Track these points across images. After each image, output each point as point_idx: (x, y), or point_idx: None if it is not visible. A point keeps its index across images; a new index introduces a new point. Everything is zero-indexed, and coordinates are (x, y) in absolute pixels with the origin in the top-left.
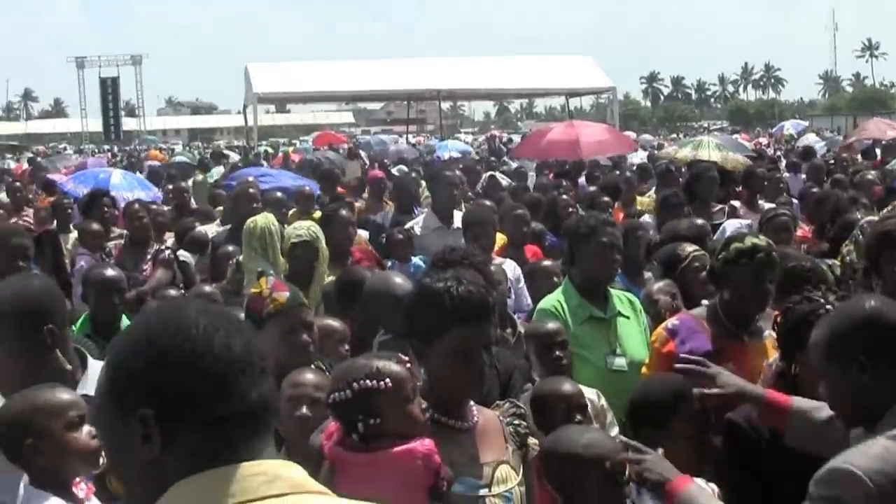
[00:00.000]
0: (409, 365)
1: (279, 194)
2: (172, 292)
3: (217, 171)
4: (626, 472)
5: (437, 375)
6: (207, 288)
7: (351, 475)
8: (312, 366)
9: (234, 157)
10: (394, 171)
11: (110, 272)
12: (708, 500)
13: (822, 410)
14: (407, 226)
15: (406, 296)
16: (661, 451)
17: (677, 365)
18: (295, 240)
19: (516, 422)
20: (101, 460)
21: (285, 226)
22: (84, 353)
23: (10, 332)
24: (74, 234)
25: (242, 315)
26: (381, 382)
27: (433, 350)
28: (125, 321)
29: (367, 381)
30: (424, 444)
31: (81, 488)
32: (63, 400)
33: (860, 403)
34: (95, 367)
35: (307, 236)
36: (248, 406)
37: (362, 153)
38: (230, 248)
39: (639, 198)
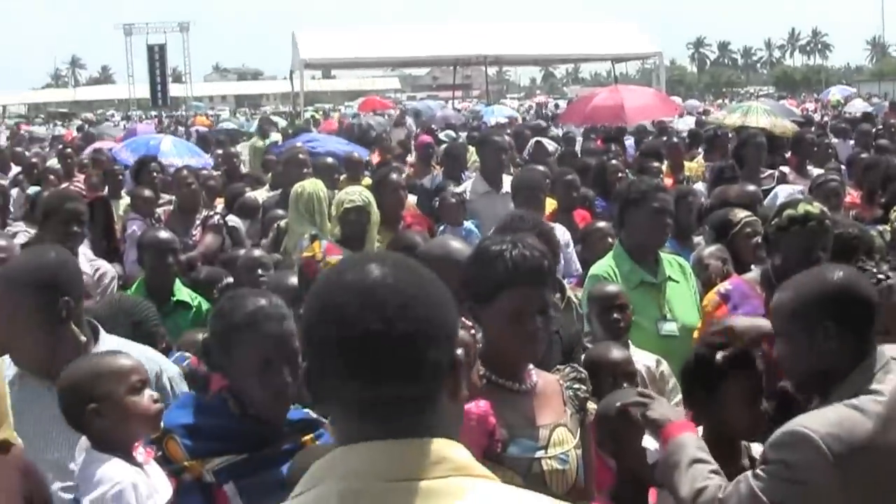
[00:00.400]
0: (472, 331)
1: (329, 160)
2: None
3: (277, 138)
4: None
5: (492, 338)
6: (257, 252)
7: None
8: None
9: (282, 122)
10: (441, 136)
11: (163, 234)
12: (697, 452)
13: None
14: (457, 190)
15: (464, 259)
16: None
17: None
18: (348, 205)
19: (576, 386)
20: (160, 424)
21: (335, 192)
22: (96, 325)
23: (27, 304)
24: (125, 201)
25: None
26: None
27: (488, 312)
28: (178, 284)
29: None
30: (479, 406)
31: (140, 452)
32: (125, 365)
33: (818, 369)
34: (107, 340)
35: (360, 201)
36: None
37: (409, 119)
38: (279, 212)
39: (687, 164)
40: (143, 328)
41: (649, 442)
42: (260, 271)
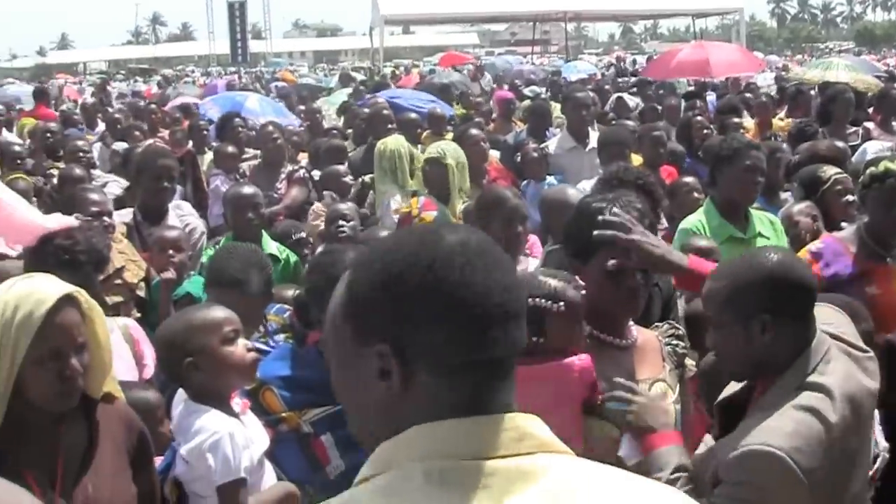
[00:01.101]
0: (584, 292)
1: (412, 115)
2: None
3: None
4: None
5: (593, 294)
6: (343, 206)
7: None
8: None
9: (361, 78)
10: (526, 91)
11: (246, 189)
12: (679, 471)
13: None
14: (542, 145)
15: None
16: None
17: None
18: (426, 157)
19: (674, 342)
20: (255, 374)
21: (418, 147)
22: None
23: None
24: (210, 156)
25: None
26: (556, 305)
27: (589, 269)
28: (266, 238)
29: (543, 301)
30: (581, 359)
31: (237, 403)
32: (218, 316)
33: (755, 360)
34: None
35: (436, 153)
36: (500, 353)
37: (487, 74)
38: (341, 168)
39: (774, 121)
40: (266, 274)
41: (625, 450)
42: (341, 222)
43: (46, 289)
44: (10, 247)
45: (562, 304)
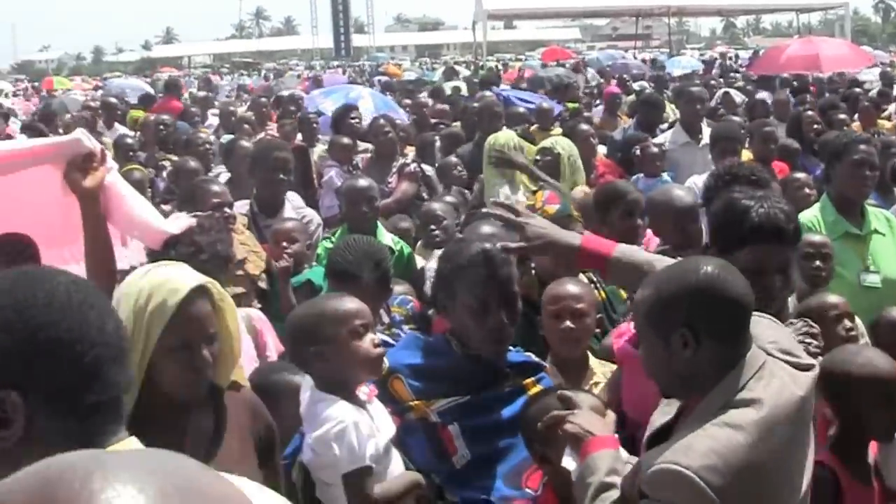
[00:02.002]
0: None
1: (521, 109)
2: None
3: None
4: None
5: None
6: (437, 206)
7: (632, 370)
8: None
9: (464, 72)
10: (635, 86)
11: (362, 182)
12: (606, 476)
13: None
14: (656, 140)
15: (686, 208)
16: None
17: (486, 210)
18: (536, 149)
19: (808, 340)
20: (382, 368)
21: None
22: None
23: None
24: (319, 148)
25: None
26: None
27: (732, 261)
28: (381, 230)
29: None
30: None
31: (363, 391)
32: (349, 308)
33: (676, 377)
34: None
35: (549, 144)
36: (118, 392)
37: (590, 70)
38: (453, 160)
39: (879, 120)
40: (383, 267)
41: (568, 461)
42: (433, 226)
43: (180, 279)
44: (124, 245)
45: None
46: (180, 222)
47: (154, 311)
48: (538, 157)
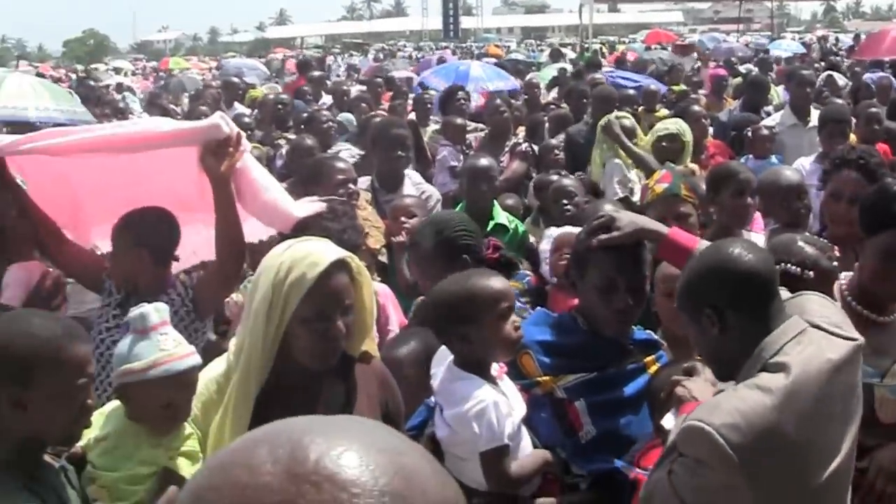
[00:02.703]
0: (835, 263)
1: (631, 91)
2: None
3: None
4: None
5: (866, 267)
6: (568, 182)
7: None
8: None
9: (570, 54)
10: (741, 69)
11: (483, 161)
12: None
13: None
14: (765, 123)
15: (793, 187)
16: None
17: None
18: (661, 132)
19: None
20: (516, 350)
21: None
22: None
23: None
24: (432, 127)
25: None
26: (806, 273)
27: (870, 245)
28: (497, 208)
29: (793, 267)
30: None
31: (494, 367)
32: (497, 290)
33: (713, 356)
34: None
35: (674, 129)
36: None
37: (695, 53)
38: (552, 142)
39: None
40: (444, 236)
41: (668, 420)
42: (565, 201)
43: (321, 252)
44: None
45: (811, 272)
46: (311, 206)
47: (293, 282)
48: (665, 143)
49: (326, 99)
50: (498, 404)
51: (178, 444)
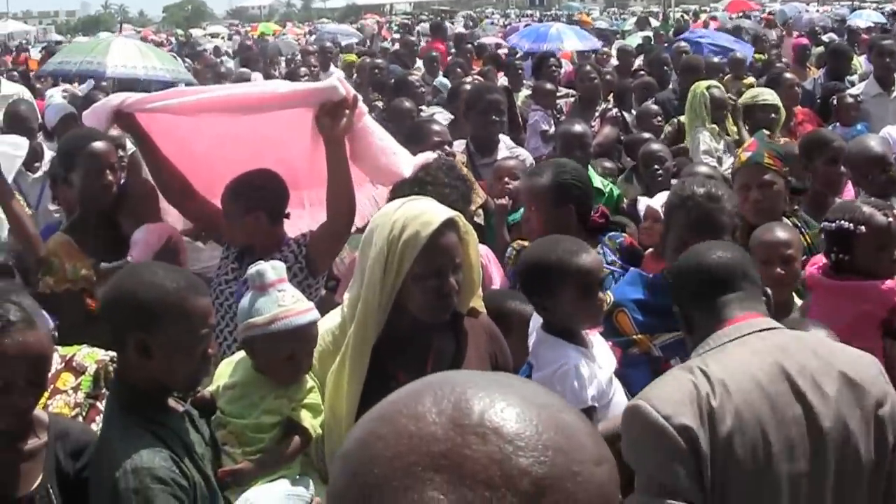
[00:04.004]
0: (891, 219)
1: (716, 59)
2: None
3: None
4: None
5: None
6: (656, 147)
7: (819, 297)
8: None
9: (654, 22)
10: (824, 38)
11: (577, 127)
12: None
13: None
14: (850, 91)
15: (877, 157)
16: None
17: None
18: (760, 102)
19: None
20: (601, 318)
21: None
22: None
23: None
24: (524, 93)
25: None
26: (857, 228)
27: None
28: (591, 172)
29: (846, 223)
30: (886, 284)
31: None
32: (584, 265)
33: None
34: None
35: (771, 100)
36: None
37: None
38: (653, 108)
39: None
40: (560, 179)
41: None
42: (656, 166)
43: (433, 212)
44: (373, 185)
45: (862, 227)
46: (416, 160)
47: (408, 240)
48: (759, 112)
49: (419, 64)
50: (579, 367)
51: (301, 396)
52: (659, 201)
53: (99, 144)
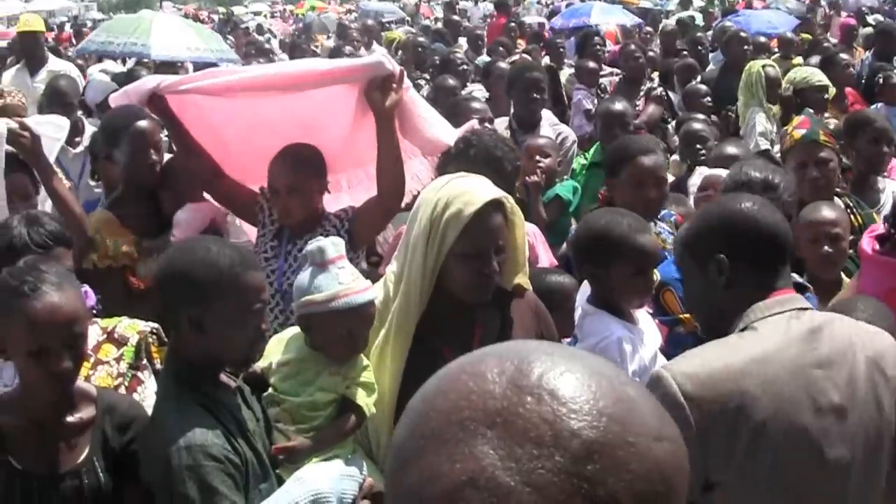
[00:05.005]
0: None
1: (762, 39)
2: None
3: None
4: None
5: None
6: (698, 126)
7: (868, 270)
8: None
9: (698, 2)
10: (870, 20)
11: (617, 106)
12: None
13: None
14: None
15: None
16: None
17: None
18: (815, 83)
19: None
20: (648, 299)
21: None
22: None
23: None
24: (566, 72)
25: None
26: None
27: None
28: None
29: None
30: None
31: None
32: (641, 245)
33: (714, 308)
34: None
35: (824, 81)
36: None
37: (823, 2)
38: (703, 88)
39: None
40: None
41: None
42: (698, 146)
43: (477, 191)
44: (425, 157)
45: None
46: (464, 127)
47: (450, 218)
48: (809, 92)
49: (462, 42)
50: (622, 340)
51: (356, 374)
52: (696, 180)
53: (145, 123)
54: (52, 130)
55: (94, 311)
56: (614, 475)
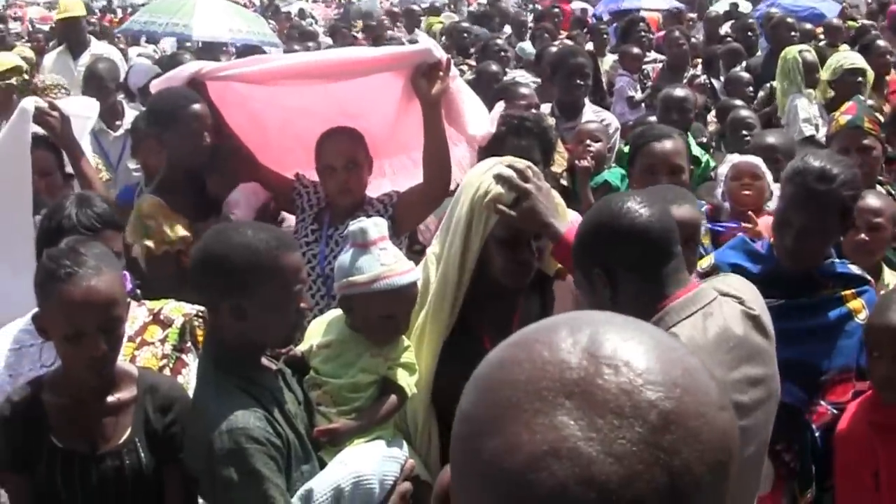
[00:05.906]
0: None
1: (808, 25)
2: None
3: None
4: None
5: None
6: (745, 113)
7: None
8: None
9: None
10: None
11: (678, 92)
12: None
13: None
14: None
15: None
16: None
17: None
18: (848, 66)
19: None
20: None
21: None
22: None
23: None
24: (610, 58)
25: None
26: None
27: None
28: (690, 138)
29: None
30: None
31: None
32: (692, 215)
33: None
34: None
35: (859, 63)
36: None
37: None
38: (745, 76)
39: None
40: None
41: None
42: (744, 132)
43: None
44: (470, 145)
45: None
46: (496, 114)
47: (491, 202)
48: (848, 77)
49: (506, 29)
50: None
51: (397, 355)
52: (724, 169)
53: (199, 106)
54: (80, 110)
55: (134, 294)
56: (688, 445)
